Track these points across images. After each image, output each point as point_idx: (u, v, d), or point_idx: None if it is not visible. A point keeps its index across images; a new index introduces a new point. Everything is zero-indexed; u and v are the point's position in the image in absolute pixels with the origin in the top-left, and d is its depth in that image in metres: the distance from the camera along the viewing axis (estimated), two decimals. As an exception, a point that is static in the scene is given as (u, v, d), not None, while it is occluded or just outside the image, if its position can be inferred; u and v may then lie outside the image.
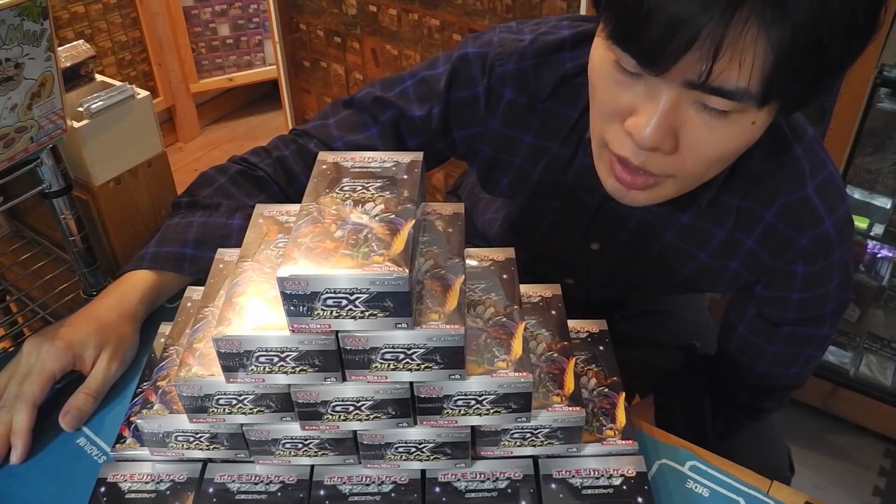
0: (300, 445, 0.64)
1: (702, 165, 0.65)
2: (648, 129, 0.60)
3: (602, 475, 0.65)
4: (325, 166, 0.64)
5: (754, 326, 0.88)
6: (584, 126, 0.80)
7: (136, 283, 0.79)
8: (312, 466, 0.65)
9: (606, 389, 0.70)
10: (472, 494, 0.64)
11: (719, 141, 0.61)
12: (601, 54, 0.63)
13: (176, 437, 0.64)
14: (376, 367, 0.57)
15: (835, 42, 0.53)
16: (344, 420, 0.61)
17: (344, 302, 0.53)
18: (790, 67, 0.54)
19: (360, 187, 0.61)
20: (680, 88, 0.58)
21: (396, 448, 0.63)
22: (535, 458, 0.66)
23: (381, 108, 0.86)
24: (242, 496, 0.63)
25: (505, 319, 0.63)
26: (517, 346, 0.61)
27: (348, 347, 0.56)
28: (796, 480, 1.01)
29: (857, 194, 1.64)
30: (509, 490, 0.64)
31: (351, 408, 0.60)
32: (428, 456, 0.64)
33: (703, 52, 0.53)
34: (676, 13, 0.52)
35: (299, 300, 0.53)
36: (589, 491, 0.64)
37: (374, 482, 0.64)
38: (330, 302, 0.53)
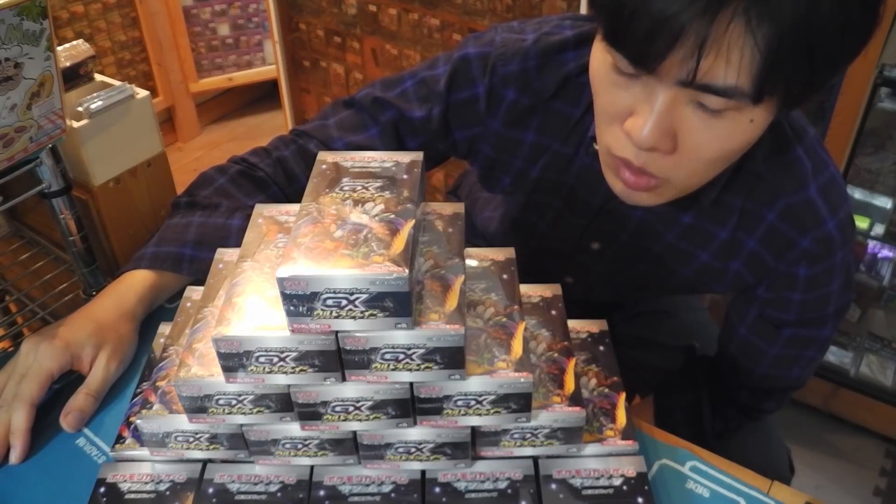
0: (300, 445, 0.64)
1: (701, 165, 0.65)
2: (646, 129, 0.60)
3: (602, 475, 0.64)
4: (324, 166, 0.64)
5: (755, 328, 0.88)
6: (586, 126, 0.80)
7: (134, 283, 0.79)
8: (312, 467, 0.65)
9: (606, 389, 0.70)
10: (472, 495, 0.63)
11: (717, 140, 0.61)
12: (599, 57, 0.64)
13: (175, 437, 0.63)
14: (376, 367, 0.57)
15: (827, 41, 0.53)
16: (344, 420, 0.61)
17: (344, 302, 0.53)
18: (781, 66, 0.54)
19: (359, 187, 0.61)
20: (675, 88, 0.58)
21: (396, 448, 0.63)
22: (535, 459, 0.66)
23: (380, 109, 0.86)
24: (242, 496, 0.63)
25: (505, 319, 0.63)
26: (517, 346, 0.61)
27: (348, 347, 0.56)
28: (796, 480, 1.01)
29: (857, 194, 1.63)
30: (509, 490, 0.64)
31: (351, 408, 0.60)
32: (428, 456, 0.64)
33: (688, 50, 0.53)
34: (659, 12, 0.53)
35: (299, 300, 0.53)
36: (589, 491, 0.63)
37: (373, 482, 0.64)
38: (330, 302, 0.53)
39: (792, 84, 0.56)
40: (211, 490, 0.64)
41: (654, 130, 0.60)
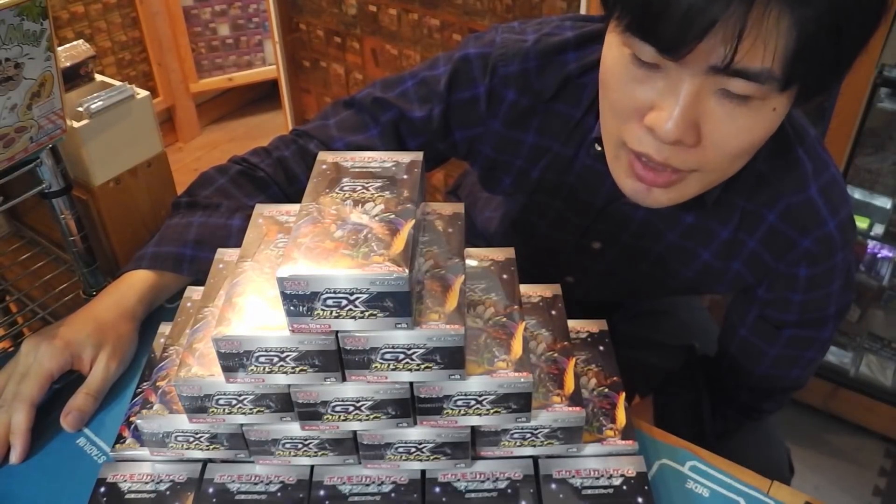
0: (300, 445, 0.64)
1: (726, 158, 0.64)
2: (671, 122, 0.59)
3: (602, 475, 0.64)
4: (324, 166, 0.64)
5: (756, 329, 0.88)
6: (587, 127, 0.80)
7: (135, 283, 0.79)
8: (312, 467, 0.65)
9: (606, 389, 0.70)
10: (472, 495, 0.63)
11: (742, 130, 0.61)
12: (615, 52, 0.63)
13: (176, 437, 0.63)
14: (376, 367, 0.57)
15: (853, 25, 0.54)
16: (344, 420, 0.61)
17: (344, 302, 0.53)
18: (812, 50, 0.54)
19: (360, 187, 0.61)
20: (701, 77, 0.57)
21: (396, 448, 0.63)
22: (535, 459, 0.66)
23: (381, 109, 0.86)
24: (242, 496, 0.63)
25: (505, 319, 0.63)
26: (517, 346, 0.61)
27: (348, 347, 0.56)
28: (796, 481, 1.01)
29: (857, 194, 1.63)
30: (509, 490, 0.64)
31: (351, 408, 0.60)
32: (428, 456, 0.64)
33: (727, 34, 0.53)
34: None
35: (299, 300, 0.53)
36: (589, 491, 0.63)
37: (374, 482, 0.64)
38: (330, 302, 0.53)
39: (818, 70, 0.56)
40: (211, 490, 0.64)
41: (680, 122, 0.59)
